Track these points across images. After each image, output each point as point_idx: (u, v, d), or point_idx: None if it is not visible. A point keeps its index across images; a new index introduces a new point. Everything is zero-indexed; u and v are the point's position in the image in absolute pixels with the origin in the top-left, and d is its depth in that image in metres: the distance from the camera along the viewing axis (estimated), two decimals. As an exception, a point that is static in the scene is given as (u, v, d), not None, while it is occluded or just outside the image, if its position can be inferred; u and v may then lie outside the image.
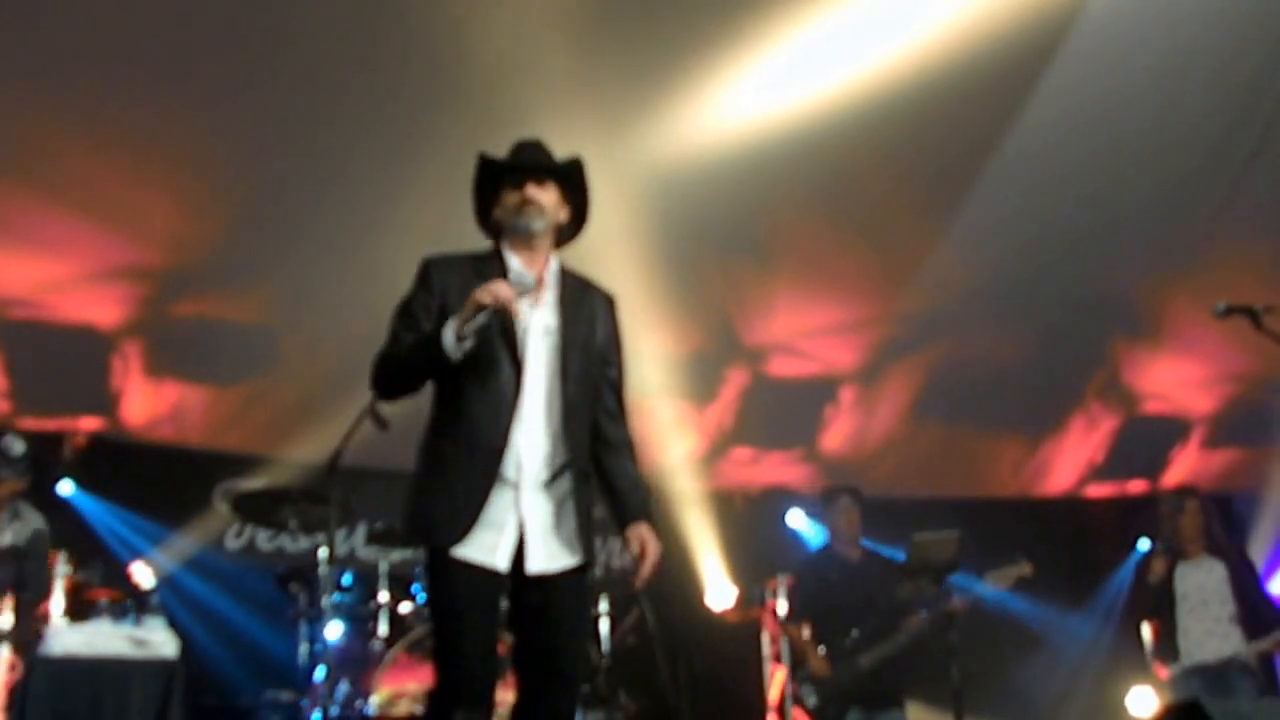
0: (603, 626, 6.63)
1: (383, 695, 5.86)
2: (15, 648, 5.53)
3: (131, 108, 6.05)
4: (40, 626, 5.82)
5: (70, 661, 5.52)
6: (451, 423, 3.47)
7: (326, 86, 6.11)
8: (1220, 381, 9.13)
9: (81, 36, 5.71)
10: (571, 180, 3.65)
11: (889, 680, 6.62)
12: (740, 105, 6.49)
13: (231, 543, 7.93)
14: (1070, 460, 9.71)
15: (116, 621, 5.81)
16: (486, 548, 3.39)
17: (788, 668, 6.86)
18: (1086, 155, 7.16)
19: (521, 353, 3.46)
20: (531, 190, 3.54)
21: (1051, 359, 8.58)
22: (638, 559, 3.54)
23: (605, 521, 3.62)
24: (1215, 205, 7.53)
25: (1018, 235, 7.58)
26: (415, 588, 6.27)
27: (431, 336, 3.38)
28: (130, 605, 6.01)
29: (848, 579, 6.80)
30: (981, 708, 7.16)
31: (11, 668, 5.67)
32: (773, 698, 7.39)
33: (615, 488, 3.61)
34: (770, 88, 6.47)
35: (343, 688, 5.87)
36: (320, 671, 5.71)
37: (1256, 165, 7.30)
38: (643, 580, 3.57)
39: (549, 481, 3.46)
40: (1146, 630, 6.91)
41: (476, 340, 3.36)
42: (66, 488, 7.41)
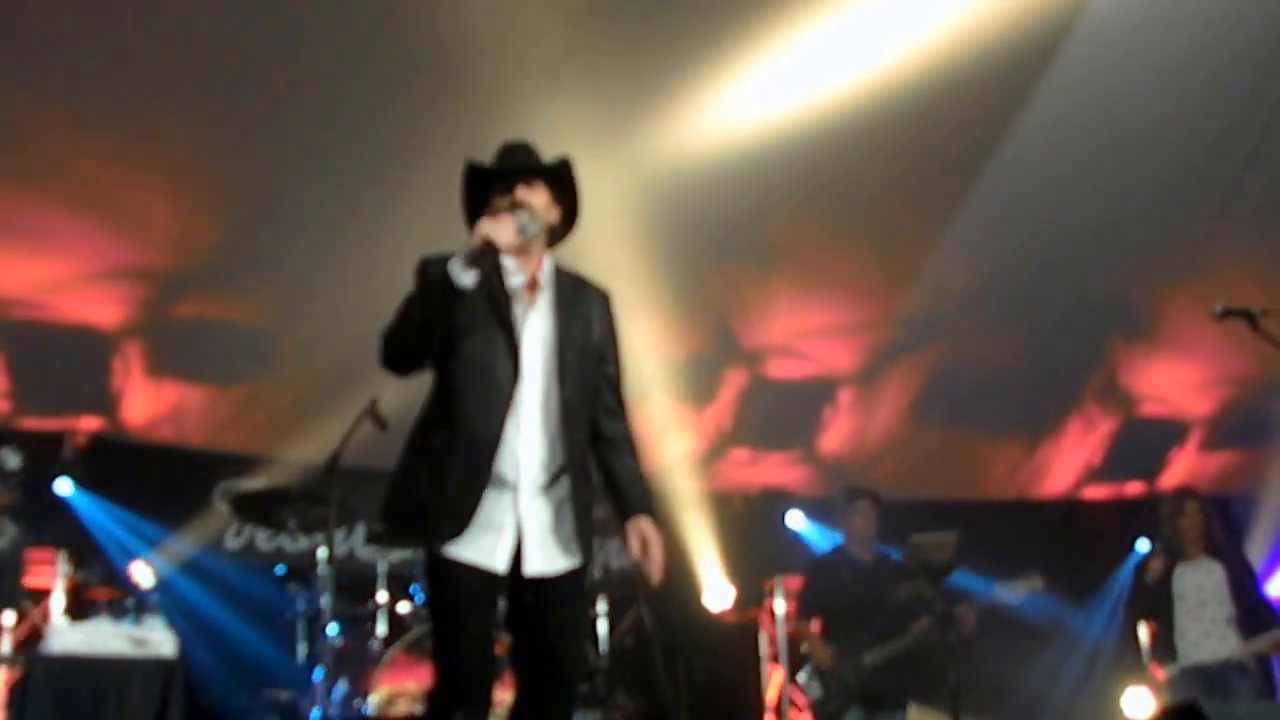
0: (601, 627, 6.64)
1: (381, 695, 5.87)
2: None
3: (133, 111, 6.07)
4: (39, 626, 5.85)
5: (70, 660, 5.54)
6: (446, 415, 3.47)
7: (327, 90, 6.12)
8: (1218, 384, 9.14)
9: (84, 41, 5.73)
10: (560, 180, 3.64)
11: (892, 681, 6.63)
12: (740, 107, 6.50)
13: (231, 543, 7.93)
14: (1068, 462, 9.72)
15: (116, 621, 5.83)
16: (485, 549, 3.39)
17: (786, 667, 6.88)
18: (1085, 158, 7.17)
19: (519, 347, 3.46)
20: (521, 193, 3.54)
21: (1049, 361, 8.59)
22: (639, 556, 3.51)
23: (604, 522, 3.61)
24: (1214, 208, 7.55)
25: (1016, 238, 7.59)
26: (414, 588, 6.27)
27: (441, 274, 3.35)
28: (130, 605, 6.02)
29: (858, 580, 6.82)
30: (980, 709, 7.18)
31: (12, 666, 5.70)
32: (770, 698, 7.42)
33: (616, 483, 3.60)
34: (770, 90, 6.48)
35: (341, 687, 5.88)
36: (319, 671, 5.71)
37: (1255, 168, 7.31)
38: (653, 580, 3.52)
39: (548, 484, 3.46)
40: (1143, 632, 6.93)
41: (482, 277, 3.35)
42: (65, 487, 7.42)
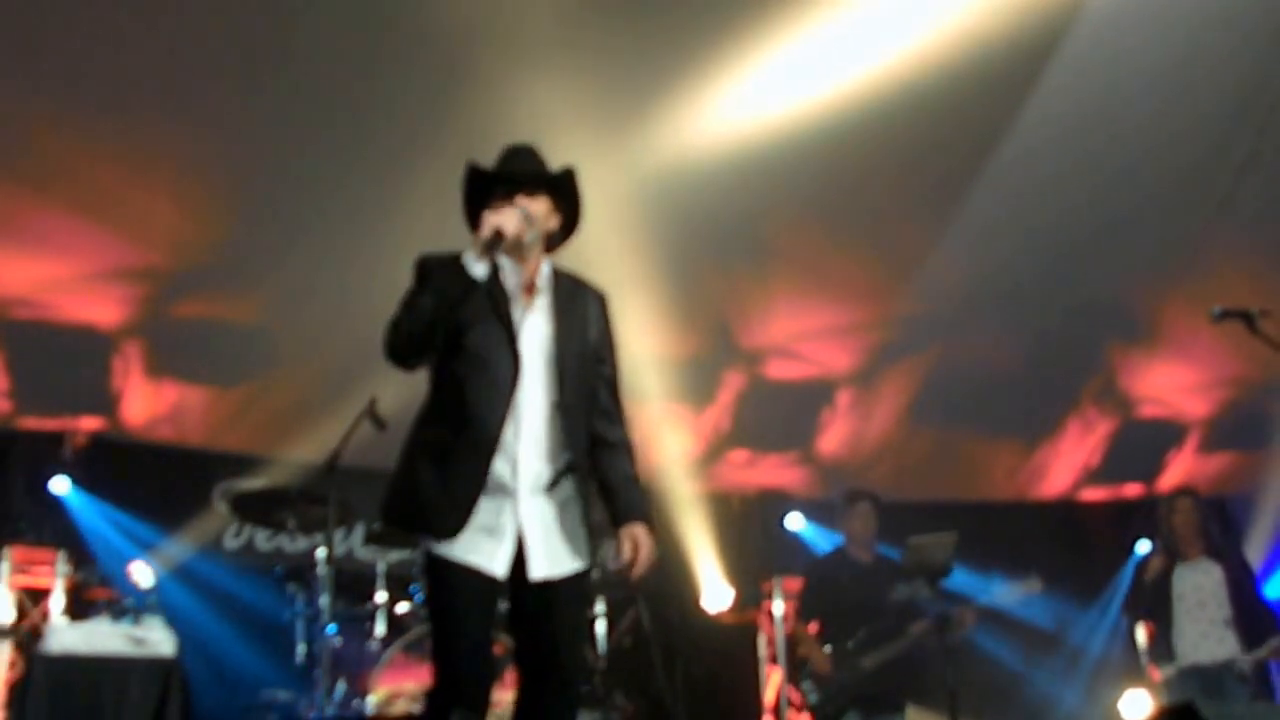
0: (599, 628, 6.64)
1: (380, 695, 5.87)
2: None
3: (134, 111, 6.08)
4: (38, 625, 5.86)
5: (69, 659, 5.55)
6: (446, 414, 3.48)
7: (327, 92, 6.13)
8: (1215, 386, 9.14)
9: (86, 44, 5.74)
10: (562, 189, 3.63)
11: (890, 684, 6.64)
12: (738, 108, 6.50)
13: (230, 542, 7.92)
14: (1066, 464, 9.72)
15: (115, 620, 5.84)
16: (485, 553, 3.40)
17: (784, 669, 6.89)
18: (1083, 160, 7.18)
19: (519, 345, 3.47)
20: (522, 201, 3.52)
21: (1047, 363, 8.59)
22: (629, 560, 3.52)
23: (601, 524, 3.62)
24: (1211, 210, 7.55)
25: (1014, 240, 7.60)
26: (413, 588, 6.27)
27: (450, 268, 3.38)
28: (129, 604, 6.03)
29: (858, 582, 6.83)
30: (978, 711, 7.19)
31: (11, 665, 5.72)
32: (768, 699, 7.43)
33: (610, 487, 3.60)
34: (768, 91, 6.48)
35: (340, 687, 5.90)
36: (318, 671, 5.73)
37: (1253, 170, 7.31)
38: (636, 574, 3.54)
39: (549, 487, 3.48)
40: (1141, 633, 6.94)
41: (491, 267, 3.39)
42: (64, 486, 7.41)
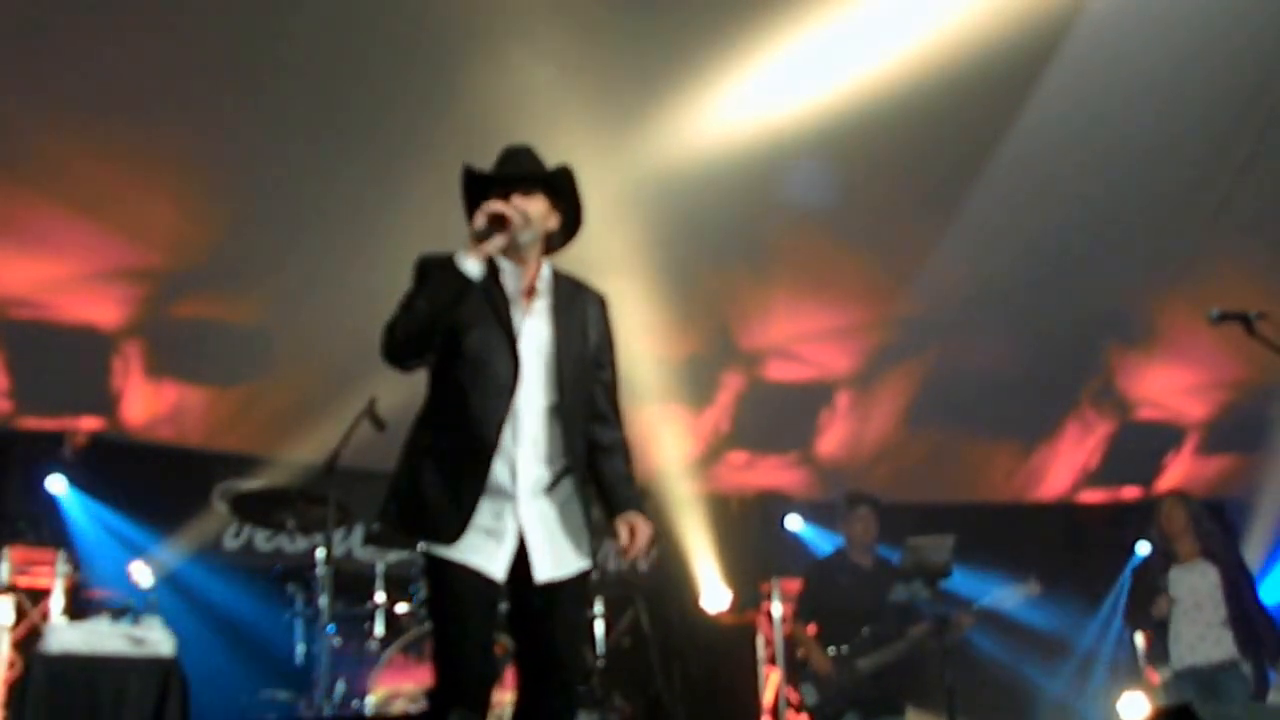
0: (598, 628, 6.64)
1: (379, 695, 5.88)
2: None
3: (135, 113, 6.08)
4: (38, 625, 5.86)
5: (68, 659, 5.55)
6: (445, 416, 3.49)
7: (327, 92, 6.13)
8: (1214, 388, 9.15)
9: (85, 42, 5.74)
10: (560, 187, 3.62)
11: (889, 686, 6.65)
12: (737, 111, 6.51)
13: (230, 543, 7.92)
14: (1064, 466, 9.73)
15: (115, 620, 5.84)
16: (485, 555, 3.41)
17: (783, 670, 6.90)
18: (1081, 162, 7.19)
19: (518, 348, 3.48)
20: (518, 201, 3.51)
21: (1046, 365, 8.60)
22: (626, 543, 3.52)
23: (601, 523, 3.63)
24: (1210, 212, 7.56)
25: (1012, 242, 7.60)
26: (413, 589, 6.27)
27: (448, 266, 3.38)
28: (129, 604, 6.03)
29: (857, 584, 6.84)
30: (976, 712, 7.19)
31: (10, 665, 5.72)
32: (767, 700, 7.44)
33: (605, 485, 3.61)
34: (767, 93, 6.49)
35: (339, 687, 5.90)
36: (317, 671, 5.73)
37: (1252, 171, 7.32)
38: (633, 557, 3.55)
39: (549, 489, 3.48)
40: (1139, 636, 6.95)
41: (484, 276, 3.39)
42: (63, 487, 7.40)
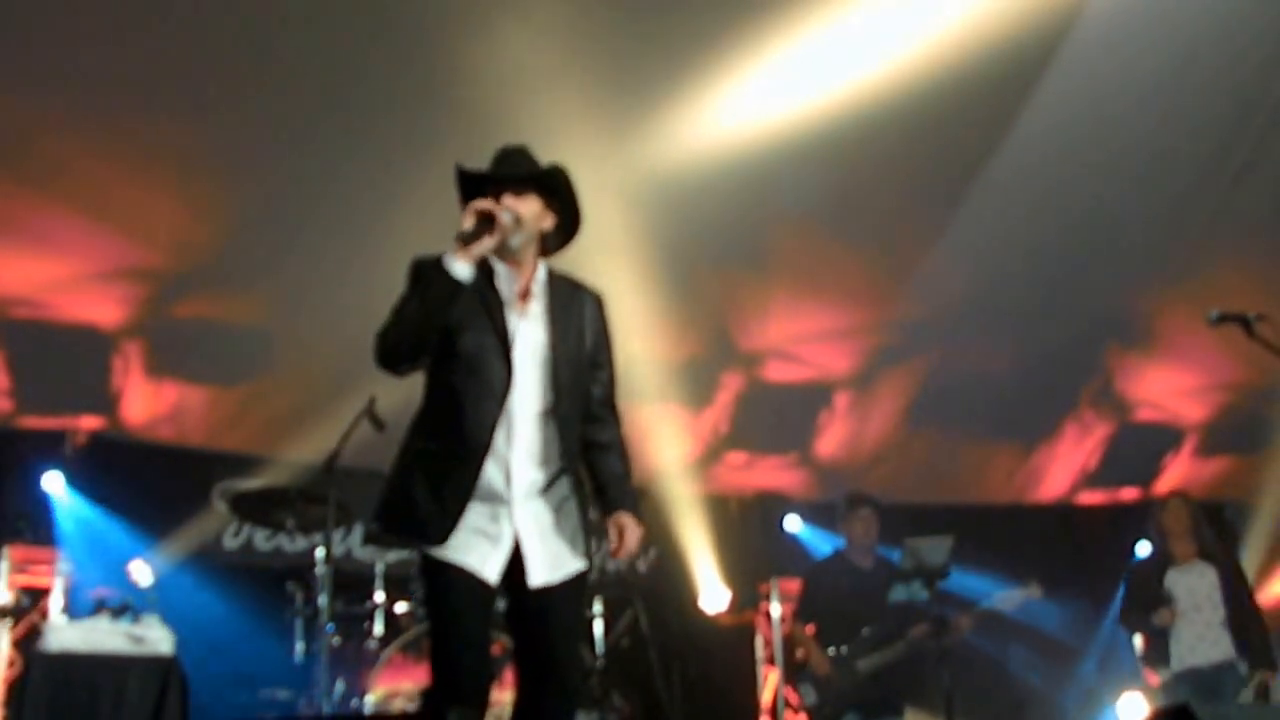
0: (597, 628, 6.66)
1: (378, 694, 5.90)
2: None
3: (135, 112, 6.09)
4: (37, 624, 5.87)
5: (68, 658, 5.57)
6: (438, 421, 3.50)
7: (326, 92, 6.14)
8: (1213, 390, 9.16)
9: (85, 41, 5.74)
10: (554, 188, 3.59)
11: (888, 687, 6.67)
12: (737, 113, 6.51)
13: (229, 542, 7.93)
14: (1063, 467, 9.73)
15: (114, 619, 5.86)
16: (479, 557, 3.41)
17: (781, 670, 6.91)
18: (1081, 164, 7.19)
19: (512, 351, 3.47)
20: (509, 202, 3.49)
21: (1045, 366, 8.60)
22: (615, 544, 3.52)
23: (598, 523, 3.64)
24: (1210, 214, 7.56)
25: (1012, 244, 7.60)
26: (412, 588, 6.27)
27: (437, 269, 3.36)
28: (128, 603, 6.05)
29: (857, 586, 6.85)
30: (975, 713, 7.21)
31: (10, 664, 5.73)
32: (765, 700, 7.45)
33: (600, 484, 3.62)
34: (767, 95, 6.49)
35: (339, 686, 5.92)
36: (316, 670, 5.75)
37: (1251, 174, 7.32)
38: (622, 557, 3.55)
39: (544, 491, 3.49)
40: (1137, 637, 6.96)
41: (475, 279, 3.38)
42: (57, 484, 7.39)
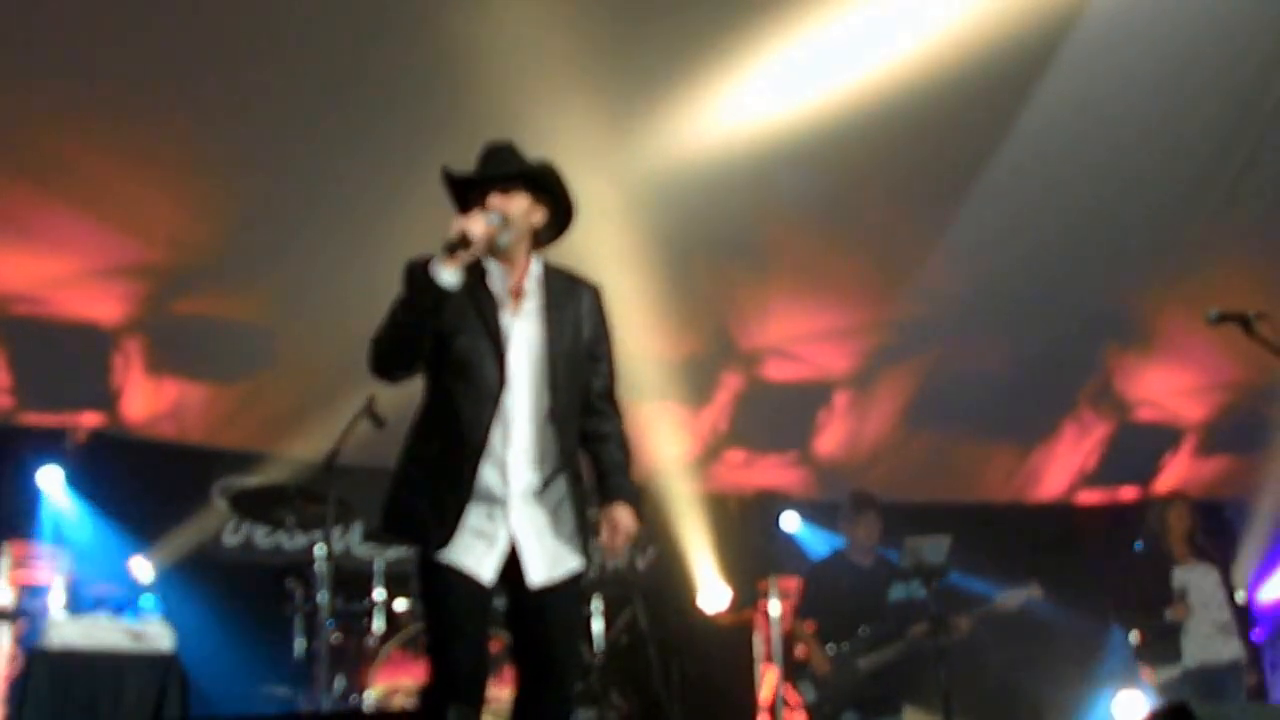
0: (596, 626, 6.66)
1: (377, 691, 5.91)
2: None
3: (136, 110, 6.10)
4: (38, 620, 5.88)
5: (68, 654, 5.58)
6: (434, 423, 3.51)
7: (327, 90, 6.15)
8: (1212, 389, 9.17)
9: (88, 42, 5.76)
10: (542, 183, 3.58)
11: (888, 685, 6.68)
12: (737, 111, 6.51)
13: (229, 539, 7.93)
14: (1062, 466, 9.74)
15: (115, 615, 5.87)
16: (475, 557, 3.42)
17: (780, 668, 6.92)
18: (1081, 164, 7.20)
19: (505, 352, 3.47)
20: (497, 201, 3.48)
21: (1044, 366, 8.61)
22: (607, 540, 3.51)
23: (596, 522, 3.65)
24: (1209, 213, 7.57)
25: (1011, 243, 7.62)
26: (412, 585, 6.29)
27: (422, 274, 3.35)
28: (128, 599, 6.06)
29: (857, 584, 6.87)
30: (974, 712, 7.22)
31: (11, 660, 5.74)
32: (764, 698, 7.45)
33: (600, 474, 3.62)
34: (767, 94, 6.50)
35: (339, 683, 5.93)
36: (316, 667, 5.76)
37: (1251, 172, 7.34)
38: (615, 550, 3.53)
39: (540, 490, 3.49)
40: (1135, 635, 6.97)
41: (466, 281, 3.36)
42: (55, 480, 7.39)
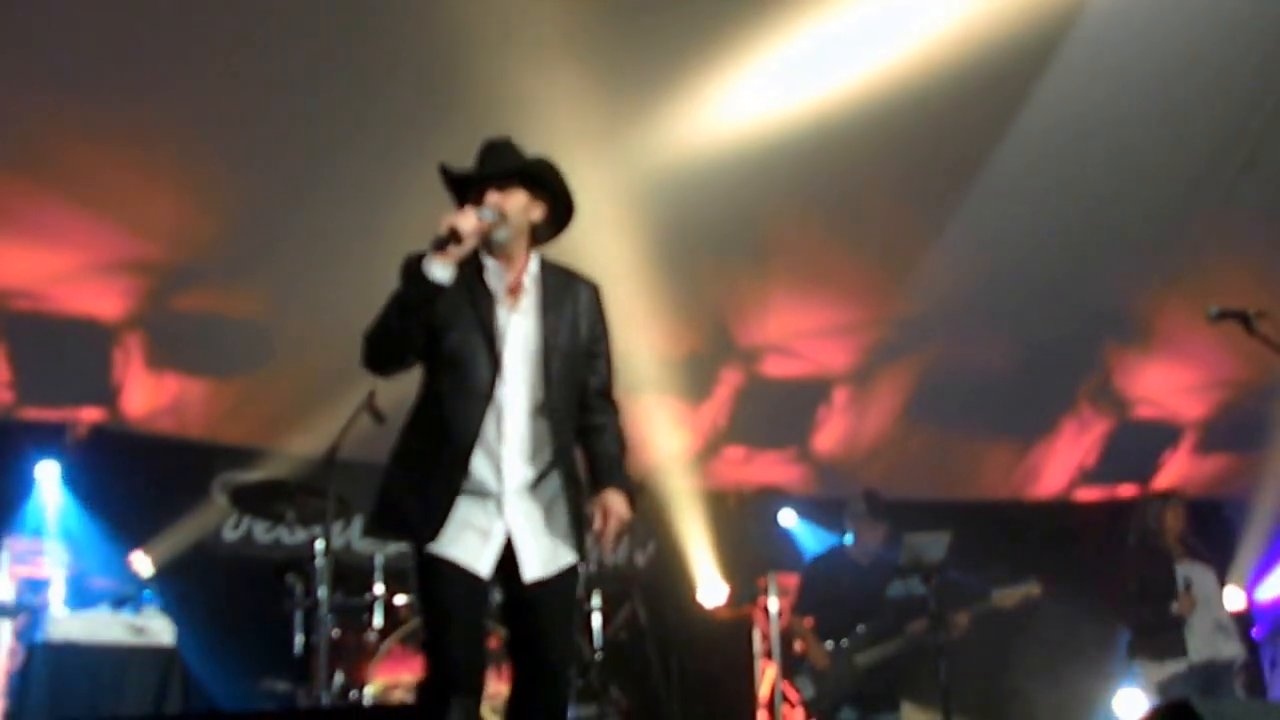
0: (595, 621, 6.67)
1: (377, 686, 5.92)
2: None
3: (135, 105, 6.10)
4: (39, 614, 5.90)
5: (69, 648, 5.59)
6: (427, 419, 3.53)
7: (325, 87, 6.16)
8: (1211, 387, 9.17)
9: (87, 36, 5.76)
10: (540, 180, 3.58)
11: (886, 681, 6.69)
12: (737, 107, 6.53)
13: (229, 534, 7.93)
14: (1061, 463, 9.75)
15: (115, 609, 5.88)
16: (471, 552, 3.44)
17: (779, 664, 6.93)
18: (1080, 161, 7.21)
19: (500, 350, 3.48)
20: (493, 198, 3.49)
21: (1043, 363, 8.61)
22: (599, 527, 3.50)
23: (592, 517, 3.65)
24: (1209, 210, 7.58)
25: (1011, 240, 7.63)
26: (411, 581, 6.30)
27: (415, 269, 3.36)
28: (129, 594, 6.07)
29: (856, 580, 6.88)
30: (973, 709, 7.23)
31: (11, 654, 5.75)
32: (763, 694, 7.46)
33: (593, 465, 3.63)
34: (767, 90, 6.51)
35: (338, 678, 5.94)
36: (316, 662, 5.77)
37: (1250, 172, 7.35)
38: (604, 542, 3.53)
39: (536, 485, 3.50)
40: (1136, 629, 6.98)
41: (460, 276, 3.37)
42: (53, 474, 7.39)
